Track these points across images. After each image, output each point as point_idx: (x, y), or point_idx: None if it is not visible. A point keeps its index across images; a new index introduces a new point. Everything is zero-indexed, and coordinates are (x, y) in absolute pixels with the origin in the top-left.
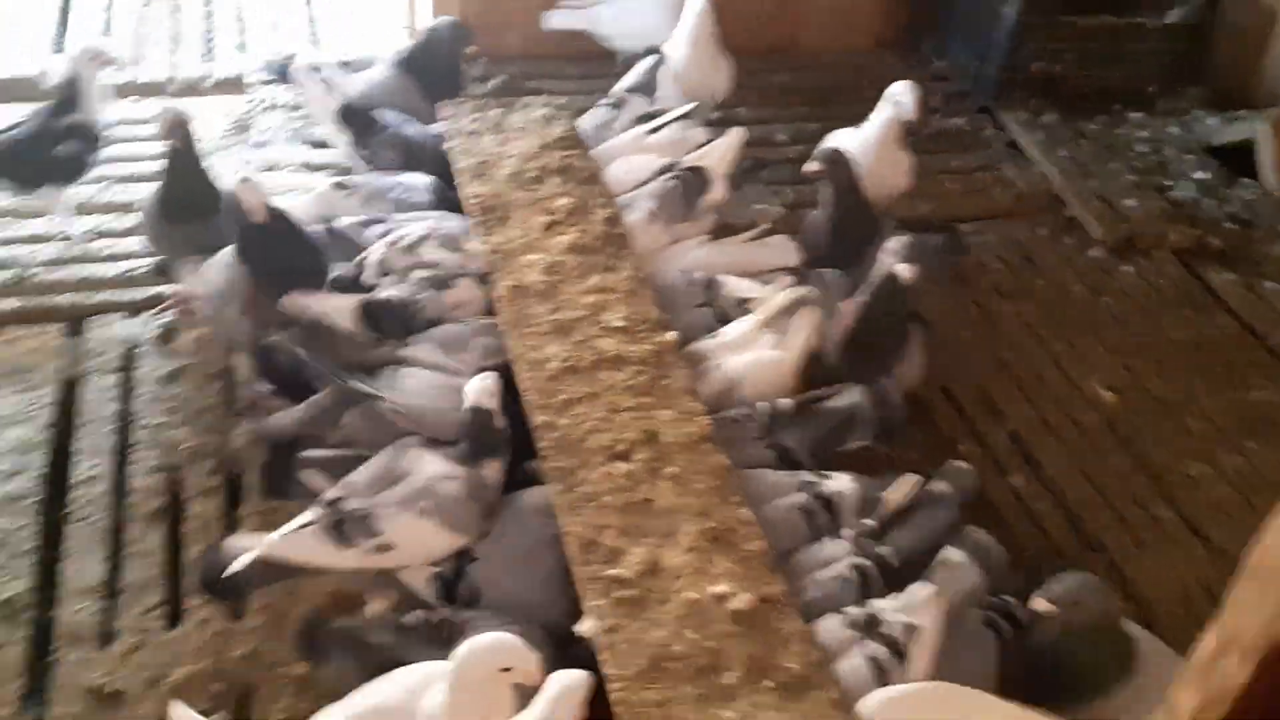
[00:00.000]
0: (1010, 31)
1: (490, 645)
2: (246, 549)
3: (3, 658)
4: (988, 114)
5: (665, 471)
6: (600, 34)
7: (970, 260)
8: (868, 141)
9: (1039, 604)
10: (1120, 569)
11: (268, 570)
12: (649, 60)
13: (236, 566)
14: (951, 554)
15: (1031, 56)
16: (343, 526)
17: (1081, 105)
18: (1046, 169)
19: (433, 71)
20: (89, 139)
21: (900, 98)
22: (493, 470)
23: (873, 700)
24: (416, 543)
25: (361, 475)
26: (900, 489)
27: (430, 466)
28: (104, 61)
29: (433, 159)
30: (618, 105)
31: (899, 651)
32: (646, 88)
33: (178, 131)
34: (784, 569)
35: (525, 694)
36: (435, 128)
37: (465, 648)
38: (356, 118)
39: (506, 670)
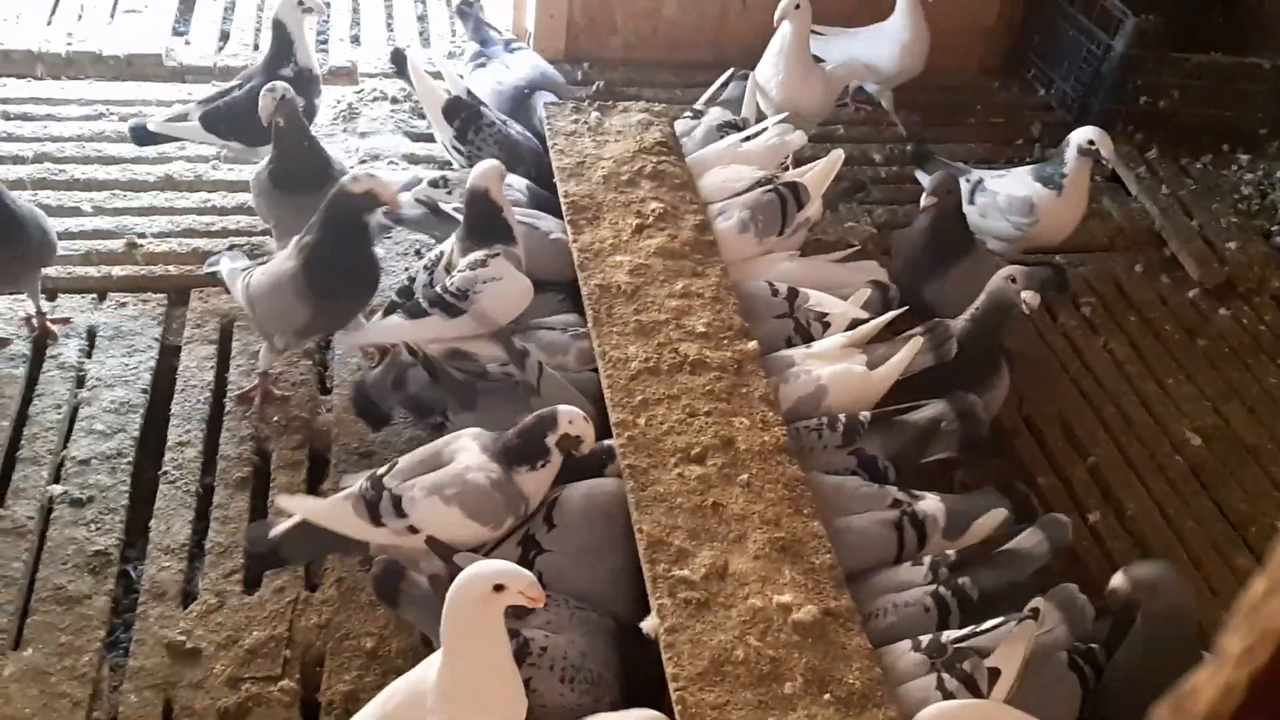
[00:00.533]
0: (1118, 64)
1: (481, 565)
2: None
3: (89, 607)
4: (1090, 146)
5: (738, 478)
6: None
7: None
8: (1063, 192)
9: (1115, 580)
10: None
11: (309, 538)
12: (729, 73)
13: (279, 530)
14: (1041, 605)
15: (1139, 91)
16: (377, 505)
17: (1187, 143)
18: (1147, 205)
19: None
20: (308, 84)
21: (1085, 143)
22: (526, 477)
23: (924, 715)
24: (442, 528)
25: (411, 459)
26: (989, 521)
27: (467, 457)
28: (308, 8)
29: (531, 159)
30: (698, 116)
31: (976, 691)
32: (728, 102)
33: (283, 108)
34: (858, 586)
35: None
36: (535, 128)
37: (458, 579)
38: (462, 112)
39: (500, 590)
